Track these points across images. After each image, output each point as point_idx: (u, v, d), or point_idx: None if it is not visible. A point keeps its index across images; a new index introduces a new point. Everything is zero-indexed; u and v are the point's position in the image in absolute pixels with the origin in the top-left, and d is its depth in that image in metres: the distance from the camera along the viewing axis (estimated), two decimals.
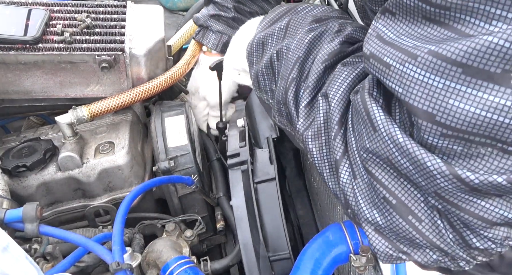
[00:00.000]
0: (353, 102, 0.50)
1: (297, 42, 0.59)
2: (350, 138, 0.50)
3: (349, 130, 0.50)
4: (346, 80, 0.53)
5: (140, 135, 1.05)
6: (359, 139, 0.48)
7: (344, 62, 0.56)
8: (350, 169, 0.50)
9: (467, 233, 0.45)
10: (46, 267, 0.77)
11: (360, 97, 0.47)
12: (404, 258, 0.50)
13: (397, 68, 0.40)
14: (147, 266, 0.82)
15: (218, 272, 0.87)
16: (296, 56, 0.58)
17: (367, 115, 0.46)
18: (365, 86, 0.47)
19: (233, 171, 0.84)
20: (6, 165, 0.89)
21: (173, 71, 1.05)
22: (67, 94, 0.99)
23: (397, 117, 0.45)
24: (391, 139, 0.43)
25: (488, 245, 0.45)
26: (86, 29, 0.95)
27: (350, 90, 0.53)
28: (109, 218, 0.96)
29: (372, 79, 0.47)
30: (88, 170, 0.92)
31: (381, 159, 0.46)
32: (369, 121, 0.45)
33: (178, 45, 1.19)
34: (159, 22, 1.07)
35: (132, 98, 0.97)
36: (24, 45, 0.89)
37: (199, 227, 0.92)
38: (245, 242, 0.76)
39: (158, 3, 1.44)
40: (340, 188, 0.52)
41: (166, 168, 0.93)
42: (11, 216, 0.73)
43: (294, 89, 0.57)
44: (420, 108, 0.39)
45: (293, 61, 0.58)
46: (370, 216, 0.49)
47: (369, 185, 0.49)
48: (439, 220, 0.45)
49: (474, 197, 0.41)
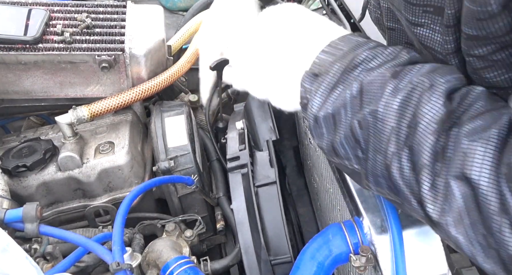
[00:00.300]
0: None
1: (384, 110, 0.51)
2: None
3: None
4: (485, 156, 0.45)
5: (140, 135, 1.06)
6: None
7: (466, 132, 0.47)
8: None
9: None
10: (46, 267, 0.77)
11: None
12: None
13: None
14: (147, 266, 0.82)
15: (218, 272, 0.87)
16: (388, 127, 0.51)
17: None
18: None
19: (233, 174, 0.84)
20: (6, 165, 0.89)
21: (173, 70, 1.05)
22: (67, 94, 0.99)
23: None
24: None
25: None
26: (86, 29, 0.95)
27: (497, 166, 0.45)
28: (109, 218, 0.96)
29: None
30: (88, 170, 0.92)
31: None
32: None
33: (178, 45, 1.19)
34: (159, 22, 1.07)
35: (132, 98, 0.97)
36: (24, 45, 0.89)
37: (199, 227, 0.92)
38: (246, 246, 0.76)
39: (158, 3, 1.44)
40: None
41: (166, 168, 0.93)
42: (11, 216, 0.73)
43: (398, 165, 0.51)
44: None
45: (387, 133, 0.51)
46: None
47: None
48: None
49: None
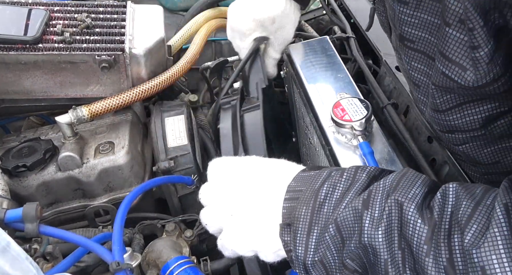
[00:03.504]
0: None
1: (369, 242, 0.52)
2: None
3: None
4: (502, 264, 0.44)
5: (140, 135, 1.05)
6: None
7: (469, 242, 0.46)
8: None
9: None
10: (46, 267, 0.77)
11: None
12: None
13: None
14: (147, 266, 0.82)
15: (218, 272, 0.86)
16: (382, 259, 0.51)
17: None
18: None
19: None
20: (6, 165, 0.89)
21: (173, 71, 1.05)
22: (67, 94, 0.99)
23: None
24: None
25: None
26: (86, 29, 0.95)
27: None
28: (109, 218, 0.96)
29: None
30: (88, 170, 0.92)
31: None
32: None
33: (178, 45, 1.19)
34: (159, 22, 1.07)
35: (132, 98, 0.97)
36: (24, 45, 0.89)
37: (199, 227, 0.92)
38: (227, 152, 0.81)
39: (158, 3, 1.44)
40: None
41: (166, 168, 0.93)
42: (11, 216, 0.73)
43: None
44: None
45: (383, 265, 0.51)
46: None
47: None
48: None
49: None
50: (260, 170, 0.64)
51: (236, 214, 0.61)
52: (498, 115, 0.62)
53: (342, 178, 0.57)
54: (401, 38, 0.65)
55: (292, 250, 0.57)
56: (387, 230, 0.51)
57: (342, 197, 0.55)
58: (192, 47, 1.15)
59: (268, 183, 0.62)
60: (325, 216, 0.55)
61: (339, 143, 0.84)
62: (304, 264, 0.56)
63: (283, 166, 0.64)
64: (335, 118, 0.83)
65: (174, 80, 1.05)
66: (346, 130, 0.82)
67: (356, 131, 0.81)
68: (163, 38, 1.04)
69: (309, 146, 1.03)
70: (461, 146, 0.68)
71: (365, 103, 0.84)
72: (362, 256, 0.53)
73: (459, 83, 0.56)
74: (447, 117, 0.65)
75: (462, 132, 0.66)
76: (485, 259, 0.44)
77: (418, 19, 0.61)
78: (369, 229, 0.51)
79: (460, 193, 0.50)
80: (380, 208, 0.52)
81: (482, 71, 0.53)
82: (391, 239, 0.51)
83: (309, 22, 1.48)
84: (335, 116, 0.83)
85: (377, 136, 0.85)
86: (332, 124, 0.84)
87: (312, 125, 0.94)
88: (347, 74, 0.98)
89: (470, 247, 0.45)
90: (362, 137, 0.81)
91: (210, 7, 1.28)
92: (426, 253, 0.48)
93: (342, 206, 0.54)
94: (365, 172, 0.57)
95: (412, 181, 0.53)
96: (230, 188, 0.63)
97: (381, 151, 0.82)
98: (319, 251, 0.55)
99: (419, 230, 0.49)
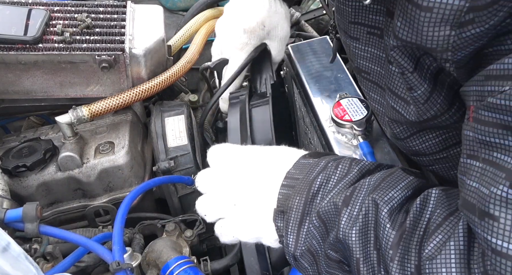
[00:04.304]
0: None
1: (344, 239, 0.52)
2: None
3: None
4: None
5: (140, 135, 1.05)
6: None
7: (428, 253, 0.46)
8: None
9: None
10: (46, 267, 0.77)
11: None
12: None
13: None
14: (147, 266, 0.82)
15: (218, 272, 0.87)
16: (355, 257, 0.52)
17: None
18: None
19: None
20: (6, 165, 0.89)
21: (173, 70, 1.05)
22: (67, 94, 0.99)
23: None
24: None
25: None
26: (86, 29, 0.95)
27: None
28: (109, 218, 0.96)
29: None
30: (88, 170, 0.92)
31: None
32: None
33: (178, 45, 1.19)
34: (159, 22, 1.07)
35: (132, 98, 0.97)
36: (24, 45, 0.89)
37: (199, 227, 0.92)
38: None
39: (158, 3, 1.44)
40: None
41: (166, 168, 0.93)
42: (11, 216, 0.73)
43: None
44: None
45: (356, 260, 0.52)
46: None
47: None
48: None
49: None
50: (261, 156, 0.63)
51: (239, 204, 0.61)
52: (457, 142, 0.62)
53: (337, 170, 0.57)
54: (357, 70, 0.67)
55: (283, 236, 0.57)
56: (362, 229, 0.51)
57: (333, 187, 0.56)
58: (192, 47, 1.15)
59: (270, 170, 0.61)
60: (316, 208, 0.56)
61: (339, 143, 0.84)
62: (294, 254, 0.57)
63: (284, 152, 0.64)
64: (335, 118, 0.83)
65: (174, 80, 1.05)
66: (346, 130, 0.82)
67: (356, 131, 0.81)
68: (163, 38, 1.04)
69: (309, 146, 1.03)
70: (429, 167, 0.69)
71: (365, 103, 0.84)
72: (342, 249, 0.54)
73: (405, 117, 0.57)
74: (407, 144, 0.66)
75: (426, 156, 0.66)
76: (434, 272, 0.44)
77: (370, 53, 0.63)
78: (344, 227, 0.52)
79: (440, 200, 0.49)
80: (359, 207, 0.52)
81: (422, 107, 0.54)
82: (366, 238, 0.51)
83: (309, 22, 1.48)
84: (335, 116, 0.83)
85: (377, 136, 0.85)
86: (332, 124, 0.84)
87: (312, 125, 0.94)
88: (347, 74, 0.98)
89: (426, 259, 0.45)
90: (362, 137, 0.81)
91: (210, 7, 1.28)
92: (391, 257, 0.48)
93: (326, 199, 0.55)
94: (358, 166, 0.57)
95: (395, 182, 0.53)
96: (232, 175, 0.62)
97: (381, 151, 0.82)
98: (307, 241, 0.56)
99: (387, 235, 0.49)
